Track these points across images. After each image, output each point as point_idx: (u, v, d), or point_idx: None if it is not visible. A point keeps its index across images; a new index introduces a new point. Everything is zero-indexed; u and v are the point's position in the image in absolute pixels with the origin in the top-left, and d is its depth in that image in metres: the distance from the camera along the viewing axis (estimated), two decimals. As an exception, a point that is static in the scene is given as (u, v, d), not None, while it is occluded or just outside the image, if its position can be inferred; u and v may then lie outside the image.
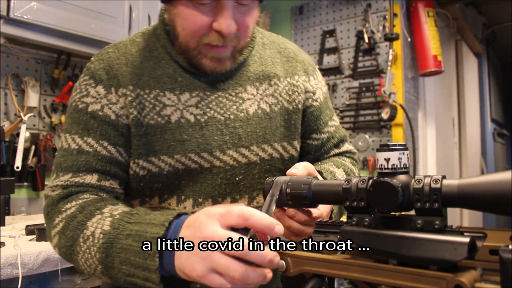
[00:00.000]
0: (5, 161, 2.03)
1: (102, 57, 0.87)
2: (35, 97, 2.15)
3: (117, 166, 0.84)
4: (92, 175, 0.81)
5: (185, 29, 0.80)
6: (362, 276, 0.51)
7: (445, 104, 3.48)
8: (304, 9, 3.07)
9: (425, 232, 0.48)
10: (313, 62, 1.04)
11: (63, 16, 1.90)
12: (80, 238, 0.72)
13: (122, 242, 0.67)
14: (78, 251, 0.72)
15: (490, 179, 0.45)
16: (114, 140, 0.83)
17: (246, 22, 0.80)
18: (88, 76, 0.86)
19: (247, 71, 0.91)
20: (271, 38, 1.00)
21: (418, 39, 2.70)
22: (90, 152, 0.81)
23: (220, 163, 0.86)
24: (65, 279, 1.44)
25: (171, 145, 0.83)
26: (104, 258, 0.68)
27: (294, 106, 0.94)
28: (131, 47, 0.88)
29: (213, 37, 0.78)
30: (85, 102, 0.84)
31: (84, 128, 0.83)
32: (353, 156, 1.05)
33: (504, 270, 0.40)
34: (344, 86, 2.84)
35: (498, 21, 4.47)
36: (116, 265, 0.67)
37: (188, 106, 0.85)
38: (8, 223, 1.77)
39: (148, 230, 0.64)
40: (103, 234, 0.70)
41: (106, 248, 0.68)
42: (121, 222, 0.70)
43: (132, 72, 0.85)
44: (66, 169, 0.82)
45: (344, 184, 0.55)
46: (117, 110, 0.83)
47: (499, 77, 5.72)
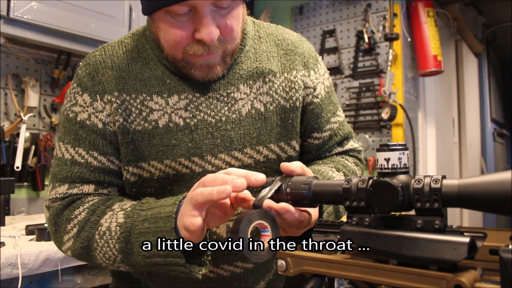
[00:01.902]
0: (5, 161, 2.03)
1: (89, 61, 0.86)
2: (35, 97, 2.15)
3: (110, 174, 0.84)
4: (88, 185, 0.83)
5: (167, 42, 0.78)
6: (362, 276, 0.51)
7: (445, 104, 3.48)
8: (304, 9, 3.07)
9: (425, 232, 0.48)
10: (315, 53, 0.96)
11: (63, 16, 1.90)
12: (96, 235, 0.75)
13: (139, 227, 0.71)
14: (96, 247, 0.75)
15: (490, 179, 0.45)
16: (103, 150, 0.83)
17: (230, 25, 0.77)
18: (76, 84, 0.86)
19: (239, 68, 0.86)
20: (268, 29, 0.93)
21: (418, 39, 2.70)
22: (83, 164, 0.82)
23: (212, 168, 0.84)
24: (65, 279, 1.44)
25: (160, 151, 0.82)
26: (124, 247, 0.72)
27: (292, 104, 0.88)
28: (118, 49, 0.86)
29: (197, 47, 0.76)
30: (74, 111, 0.84)
31: (75, 138, 0.83)
32: (357, 155, 1.00)
33: (504, 270, 0.40)
34: (344, 86, 2.84)
35: (498, 21, 4.47)
36: (136, 249, 0.70)
37: (177, 109, 0.82)
38: (8, 223, 1.77)
39: (161, 211, 0.69)
40: (119, 226, 0.73)
41: (125, 237, 0.72)
42: (134, 211, 0.73)
43: (118, 76, 0.83)
44: (61, 180, 0.83)
45: (344, 184, 0.55)
46: (104, 118, 0.82)
47: (499, 77, 5.72)
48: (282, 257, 0.59)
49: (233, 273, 0.89)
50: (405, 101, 2.65)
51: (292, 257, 0.58)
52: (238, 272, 0.90)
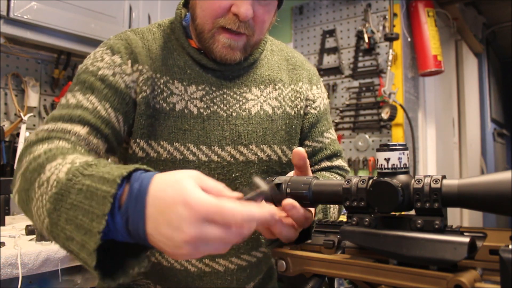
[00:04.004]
0: (5, 161, 2.03)
1: (122, 37, 0.88)
2: (35, 97, 2.15)
3: (111, 129, 0.80)
4: (83, 126, 0.75)
5: (204, 10, 0.81)
6: (362, 276, 0.51)
7: (445, 104, 3.48)
8: (304, 9, 3.07)
9: (425, 232, 0.48)
10: (317, 74, 1.05)
11: (63, 16, 1.90)
12: (36, 182, 0.62)
13: (72, 197, 0.56)
14: (32, 197, 0.62)
15: (490, 179, 0.45)
16: (116, 106, 0.81)
17: (263, 16, 0.82)
18: (106, 47, 0.86)
19: (254, 73, 0.93)
20: (280, 46, 1.03)
21: (418, 39, 2.70)
22: (89, 109, 0.77)
23: (217, 158, 0.87)
24: (65, 279, 1.44)
25: (172, 132, 0.85)
26: (52, 211, 0.58)
27: (296, 112, 0.95)
28: (147, 34, 0.90)
29: (230, 19, 0.79)
30: (97, 66, 0.82)
31: (88, 87, 0.80)
32: (344, 174, 1.01)
33: (504, 270, 0.40)
34: (344, 86, 2.84)
35: (498, 21, 4.47)
36: (61, 222, 0.56)
37: (193, 99, 0.87)
38: (8, 223, 1.77)
39: (99, 187, 0.54)
40: (57, 182, 0.59)
41: (56, 200, 0.57)
42: (76, 172, 0.58)
43: (148, 55, 0.86)
44: (57, 118, 0.76)
45: (344, 184, 0.55)
46: (129, 82, 0.83)
47: (499, 77, 5.72)
48: (282, 257, 0.59)
49: (227, 269, 0.91)
50: (405, 101, 2.65)
51: (292, 257, 0.58)
52: (232, 268, 0.92)
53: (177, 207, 0.49)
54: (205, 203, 0.48)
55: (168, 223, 0.49)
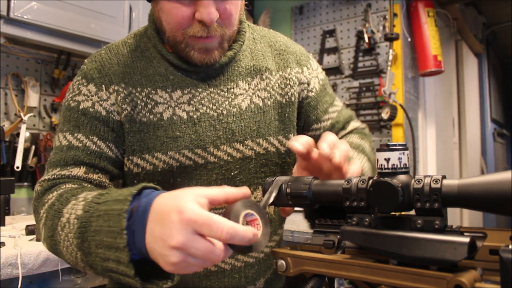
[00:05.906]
0: (5, 161, 2.03)
1: (95, 59, 0.88)
2: (35, 97, 2.15)
3: (106, 160, 0.84)
4: (79, 168, 0.81)
5: (169, 23, 0.81)
6: (362, 276, 0.51)
7: (445, 104, 3.48)
8: (304, 9, 3.07)
9: (425, 232, 0.48)
10: (306, 52, 1.02)
11: (63, 16, 1.90)
12: (58, 226, 0.70)
13: (93, 225, 0.63)
14: (59, 240, 0.69)
15: (490, 179, 0.45)
16: (104, 136, 0.83)
17: (229, 10, 0.80)
18: (80, 76, 0.87)
19: (238, 66, 0.91)
20: (261, 32, 1.00)
21: (418, 39, 2.70)
22: (80, 147, 0.82)
23: (214, 159, 0.87)
24: (65, 279, 1.44)
25: (164, 142, 0.84)
26: (81, 244, 0.65)
27: (287, 99, 0.94)
28: (123, 48, 0.89)
29: (197, 28, 0.79)
30: (77, 101, 0.85)
31: (75, 125, 0.84)
32: (361, 131, 1.03)
33: (504, 270, 0.40)
34: (344, 86, 2.84)
35: (498, 21, 4.47)
36: (93, 250, 0.63)
37: (180, 103, 0.86)
38: (8, 223, 1.77)
39: (113, 207, 0.61)
40: (77, 219, 0.66)
41: (81, 233, 0.65)
42: (92, 204, 0.66)
43: (124, 71, 0.86)
44: (54, 164, 0.82)
45: (344, 184, 0.55)
46: (108, 106, 0.84)
47: (499, 77, 5.71)
48: (282, 257, 0.59)
49: (233, 267, 0.91)
50: (405, 101, 2.65)
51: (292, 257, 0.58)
52: (238, 265, 0.91)
53: (170, 214, 0.54)
54: (195, 213, 0.53)
55: (162, 228, 0.55)
